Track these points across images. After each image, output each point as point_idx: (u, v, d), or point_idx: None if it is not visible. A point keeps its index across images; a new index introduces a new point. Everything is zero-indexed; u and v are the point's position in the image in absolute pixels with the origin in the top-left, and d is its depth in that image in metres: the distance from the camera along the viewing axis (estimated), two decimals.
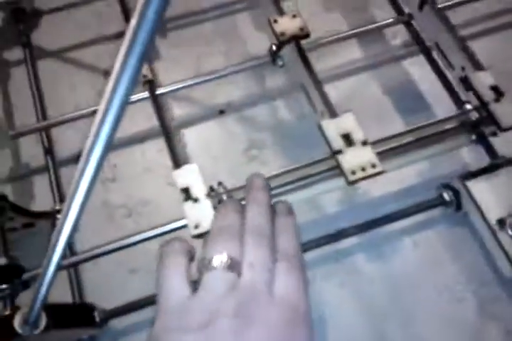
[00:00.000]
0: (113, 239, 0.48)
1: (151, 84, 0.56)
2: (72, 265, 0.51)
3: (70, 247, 0.53)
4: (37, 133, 0.59)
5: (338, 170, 0.44)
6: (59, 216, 0.55)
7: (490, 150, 0.56)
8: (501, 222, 0.50)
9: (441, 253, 0.54)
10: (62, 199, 0.56)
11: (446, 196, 0.54)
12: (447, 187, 0.55)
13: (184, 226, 0.53)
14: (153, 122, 0.60)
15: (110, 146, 0.25)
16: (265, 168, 0.60)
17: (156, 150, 0.62)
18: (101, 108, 0.24)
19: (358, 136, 0.45)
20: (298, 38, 0.51)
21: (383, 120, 0.62)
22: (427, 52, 0.59)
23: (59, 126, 0.58)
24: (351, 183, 0.43)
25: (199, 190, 0.43)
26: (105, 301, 0.49)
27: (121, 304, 0.49)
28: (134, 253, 0.55)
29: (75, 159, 0.60)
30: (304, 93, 0.51)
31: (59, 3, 0.71)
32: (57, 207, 0.55)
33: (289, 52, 0.53)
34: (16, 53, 0.67)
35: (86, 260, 0.51)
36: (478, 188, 0.52)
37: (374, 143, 0.46)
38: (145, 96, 0.57)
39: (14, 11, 0.67)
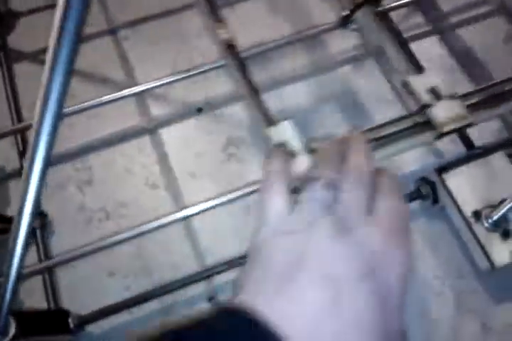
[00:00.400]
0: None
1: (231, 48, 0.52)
2: (47, 268, 0.50)
3: (45, 252, 0.53)
4: (12, 136, 0.59)
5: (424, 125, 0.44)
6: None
7: (466, 141, 0.56)
8: (477, 214, 0.50)
9: (419, 247, 0.54)
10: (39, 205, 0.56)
11: (423, 189, 0.54)
12: (424, 180, 0.55)
13: (162, 226, 0.53)
14: (134, 121, 0.61)
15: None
16: (242, 165, 0.60)
17: (138, 149, 0.61)
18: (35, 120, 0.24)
19: (445, 89, 0.46)
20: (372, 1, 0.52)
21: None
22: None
23: None
24: (442, 136, 0.44)
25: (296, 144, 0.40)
26: (84, 306, 0.49)
27: (99, 308, 0.48)
28: (113, 255, 0.55)
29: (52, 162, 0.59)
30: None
31: (36, 4, 0.70)
32: None
33: (363, 15, 0.53)
34: None
35: (61, 263, 0.51)
36: (454, 181, 0.52)
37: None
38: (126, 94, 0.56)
39: None
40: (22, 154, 0.58)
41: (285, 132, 0.40)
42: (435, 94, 0.47)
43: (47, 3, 0.70)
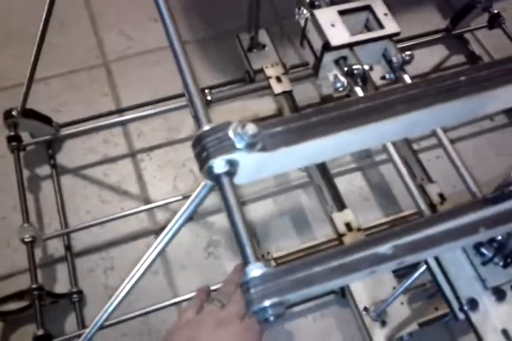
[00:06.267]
0: None
1: None
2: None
3: (82, 320, 0.78)
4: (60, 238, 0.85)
5: None
6: (75, 296, 0.80)
7: None
8: (366, 309, 0.77)
9: (333, 328, 0.80)
10: (76, 283, 0.82)
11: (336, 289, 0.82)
12: None
13: (160, 308, 0.79)
14: (143, 225, 0.87)
15: None
16: (219, 261, 0.87)
17: (145, 246, 0.88)
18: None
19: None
20: None
21: None
22: None
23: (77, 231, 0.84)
24: None
25: None
26: None
27: None
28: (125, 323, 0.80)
29: (85, 252, 0.86)
30: None
31: (76, 129, 0.98)
32: (74, 289, 0.81)
33: None
34: (44, 169, 0.94)
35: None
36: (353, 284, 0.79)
37: None
38: (141, 209, 0.84)
39: (46, 141, 0.94)
40: (66, 247, 0.85)
41: None
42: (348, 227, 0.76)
43: (84, 128, 0.98)
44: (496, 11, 1.07)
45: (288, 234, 0.90)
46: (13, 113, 0.85)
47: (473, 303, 0.46)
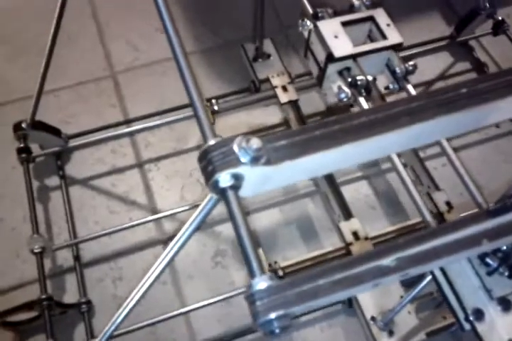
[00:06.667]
0: None
1: None
2: None
3: (90, 330, 0.79)
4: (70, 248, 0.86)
5: None
6: (83, 306, 0.81)
7: None
8: (373, 318, 0.77)
9: (340, 337, 0.81)
10: (85, 294, 0.83)
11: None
12: None
13: (168, 318, 0.79)
14: (151, 235, 0.88)
15: None
16: (226, 270, 0.87)
17: (153, 256, 0.88)
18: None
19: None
20: None
21: None
22: None
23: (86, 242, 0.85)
24: None
25: None
26: None
27: None
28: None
29: (94, 262, 0.87)
30: None
31: (85, 140, 0.99)
32: (83, 300, 0.81)
33: None
34: (53, 180, 0.95)
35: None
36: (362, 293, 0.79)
37: None
38: (149, 219, 0.85)
39: (55, 152, 0.95)
40: (75, 258, 0.86)
41: None
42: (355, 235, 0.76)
43: (92, 139, 0.99)
44: (500, 18, 1.07)
45: (295, 243, 0.90)
46: (23, 125, 0.86)
47: (479, 314, 0.46)
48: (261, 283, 0.32)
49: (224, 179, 0.36)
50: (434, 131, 0.42)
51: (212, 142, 0.38)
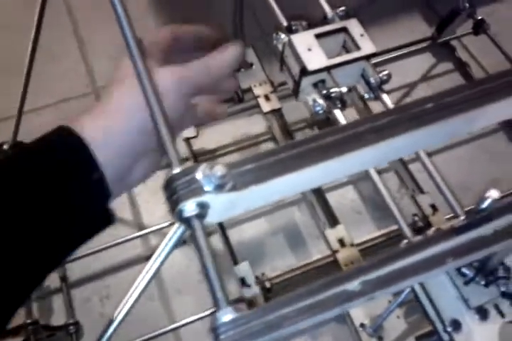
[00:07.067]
0: None
1: None
2: None
3: None
4: None
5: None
6: (71, 327, 0.81)
7: None
8: (362, 325, 0.77)
9: None
10: (73, 314, 0.82)
11: None
12: None
13: (158, 335, 0.79)
14: (136, 252, 0.87)
15: None
16: None
17: (139, 273, 0.88)
18: None
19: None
20: None
21: None
22: None
23: None
24: None
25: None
26: None
27: None
28: None
29: (81, 282, 0.86)
30: None
31: None
32: (70, 321, 0.81)
33: None
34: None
35: None
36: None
37: None
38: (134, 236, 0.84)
39: None
40: (63, 279, 0.85)
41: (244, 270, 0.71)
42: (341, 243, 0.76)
43: None
44: (479, 17, 1.08)
45: (283, 252, 0.90)
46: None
47: (456, 324, 0.46)
48: (226, 316, 0.31)
49: (189, 208, 0.36)
50: (407, 145, 0.42)
51: (177, 170, 0.37)
